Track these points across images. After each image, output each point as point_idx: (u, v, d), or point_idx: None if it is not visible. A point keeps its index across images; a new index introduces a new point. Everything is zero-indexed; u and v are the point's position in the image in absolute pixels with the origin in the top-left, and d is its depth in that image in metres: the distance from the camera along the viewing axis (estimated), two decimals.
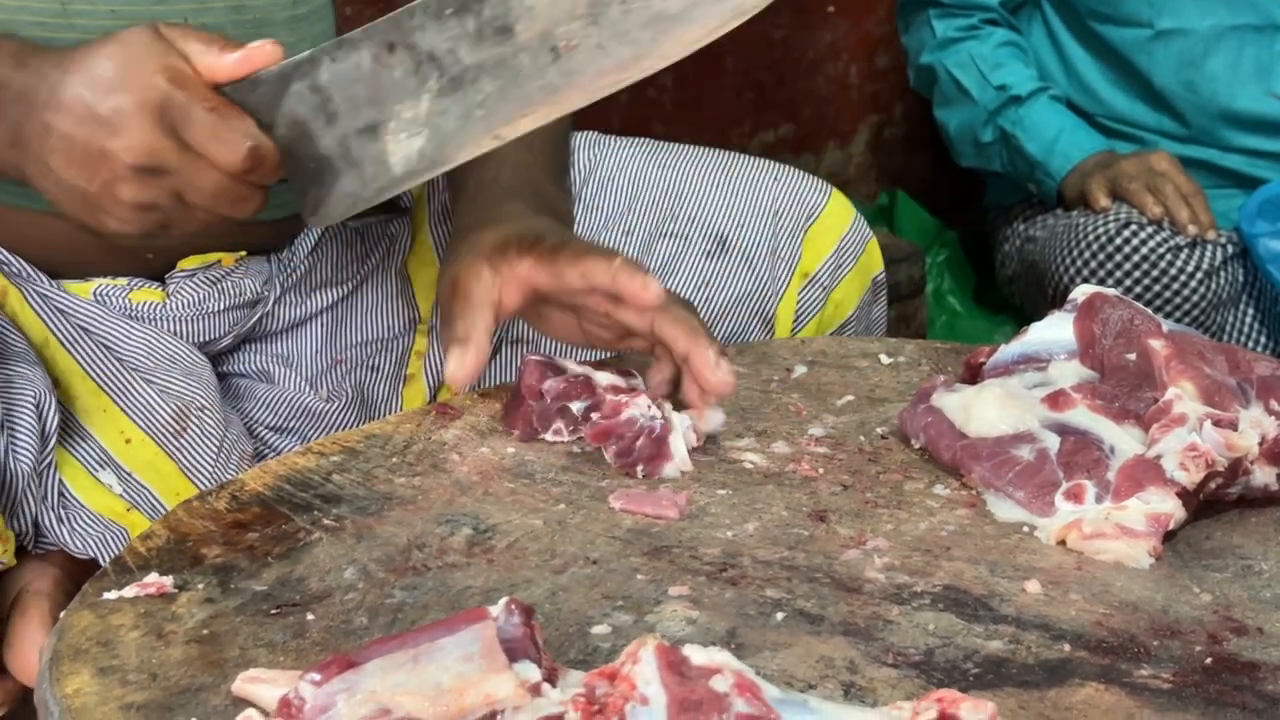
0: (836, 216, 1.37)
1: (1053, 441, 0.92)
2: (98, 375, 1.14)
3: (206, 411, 1.16)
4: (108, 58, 0.97)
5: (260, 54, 0.98)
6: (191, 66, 0.98)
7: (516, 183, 1.15)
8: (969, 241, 2.70)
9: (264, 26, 1.17)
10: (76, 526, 1.10)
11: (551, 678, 0.68)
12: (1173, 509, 0.86)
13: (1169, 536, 0.87)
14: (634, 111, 2.44)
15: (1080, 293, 1.01)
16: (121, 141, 0.96)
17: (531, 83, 0.94)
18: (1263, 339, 2.20)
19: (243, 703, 0.72)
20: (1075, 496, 0.89)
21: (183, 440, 1.15)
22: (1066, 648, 0.77)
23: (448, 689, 0.66)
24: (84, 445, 1.13)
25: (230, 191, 0.99)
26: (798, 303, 1.34)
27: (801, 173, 1.40)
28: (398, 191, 1.01)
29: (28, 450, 1.04)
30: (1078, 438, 0.92)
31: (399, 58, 0.96)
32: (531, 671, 0.67)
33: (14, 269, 1.15)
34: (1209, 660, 0.76)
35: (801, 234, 1.34)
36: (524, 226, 1.08)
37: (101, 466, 1.13)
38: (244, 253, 1.22)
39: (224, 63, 0.97)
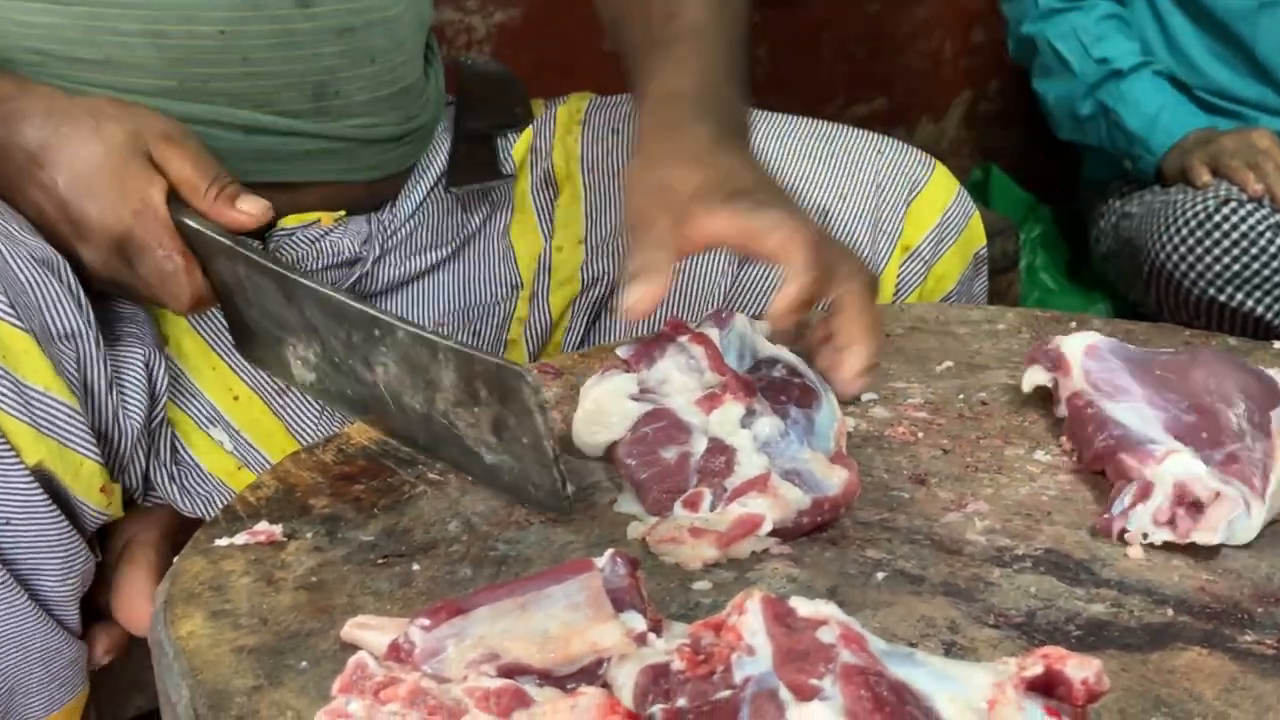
0: (940, 190, 1.35)
1: (699, 446, 0.88)
2: (205, 333, 1.16)
3: None
4: (88, 160, 1.02)
5: (248, 219, 1.05)
6: (169, 190, 1.03)
7: (702, 94, 1.08)
8: (1063, 217, 2.67)
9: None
10: (188, 486, 1.13)
11: (656, 628, 0.69)
12: (765, 509, 0.83)
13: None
14: None
15: None
16: (81, 247, 1.03)
17: None
18: None
19: (350, 648, 0.73)
20: (692, 505, 0.86)
21: (288, 398, 1.16)
22: (1169, 612, 0.77)
23: (554, 636, 0.67)
24: (195, 402, 1.15)
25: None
26: (898, 276, 1.33)
27: (905, 145, 1.38)
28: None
29: (137, 408, 1.06)
30: (715, 444, 0.88)
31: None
32: (637, 621, 0.68)
33: None
34: None
35: (904, 207, 1.33)
36: (722, 174, 1.00)
37: (213, 423, 1.15)
38: (343, 212, 1.23)
39: (211, 208, 1.04)
